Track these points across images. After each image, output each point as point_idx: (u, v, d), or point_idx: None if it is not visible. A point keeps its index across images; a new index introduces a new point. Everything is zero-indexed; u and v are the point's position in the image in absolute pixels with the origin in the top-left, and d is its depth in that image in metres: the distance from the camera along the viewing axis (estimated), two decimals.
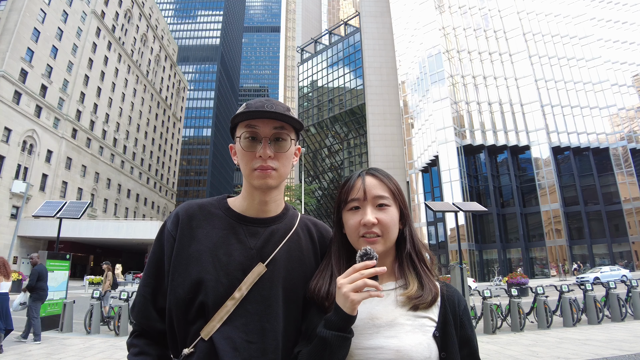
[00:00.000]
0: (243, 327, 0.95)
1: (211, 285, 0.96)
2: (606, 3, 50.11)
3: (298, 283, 1.04)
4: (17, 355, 6.14)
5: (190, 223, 1.05)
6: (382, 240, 0.96)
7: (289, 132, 1.03)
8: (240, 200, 1.10)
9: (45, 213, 9.44)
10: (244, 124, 1.02)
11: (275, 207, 1.10)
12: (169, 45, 78.75)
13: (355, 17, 64.86)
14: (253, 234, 1.05)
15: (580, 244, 38.11)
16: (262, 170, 1.00)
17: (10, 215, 35.84)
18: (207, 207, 1.09)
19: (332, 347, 0.82)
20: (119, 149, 55.84)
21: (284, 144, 1.03)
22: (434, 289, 0.95)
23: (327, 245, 1.14)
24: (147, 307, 1.04)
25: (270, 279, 1.00)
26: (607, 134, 40.98)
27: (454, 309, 0.93)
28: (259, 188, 1.03)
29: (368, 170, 1.04)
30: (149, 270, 1.06)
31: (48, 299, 8.51)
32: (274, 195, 1.08)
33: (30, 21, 38.00)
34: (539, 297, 8.82)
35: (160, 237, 1.06)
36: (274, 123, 1.01)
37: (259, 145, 1.00)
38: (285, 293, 1.01)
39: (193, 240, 1.02)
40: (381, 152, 51.57)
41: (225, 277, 0.98)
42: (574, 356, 5.73)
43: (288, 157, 1.05)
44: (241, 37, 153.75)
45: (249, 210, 1.08)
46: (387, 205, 0.98)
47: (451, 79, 42.03)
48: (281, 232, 1.08)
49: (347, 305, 0.81)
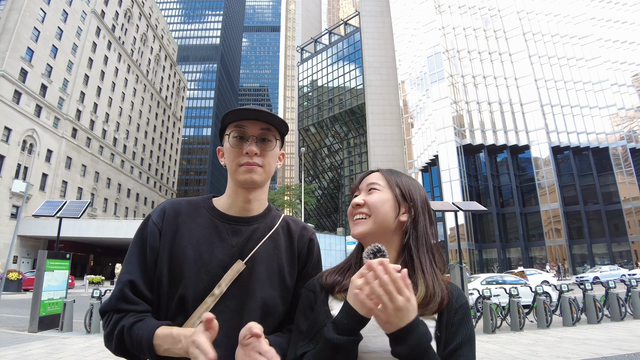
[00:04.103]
0: (223, 324, 0.94)
1: (191, 281, 0.99)
2: (606, 3, 50.10)
3: (274, 280, 1.07)
4: (17, 354, 6.15)
5: (176, 218, 1.07)
6: (368, 221, 0.98)
7: (274, 133, 1.10)
8: (224, 199, 1.14)
9: (45, 212, 9.43)
10: (233, 125, 1.08)
11: (258, 206, 1.14)
12: (169, 44, 78.72)
13: (355, 17, 64.87)
14: (235, 232, 1.08)
15: (579, 243, 38.14)
16: (248, 165, 1.05)
17: (10, 214, 35.84)
18: (193, 205, 1.12)
19: (346, 352, 0.78)
20: (119, 149, 55.82)
21: (270, 144, 1.09)
22: (441, 294, 0.90)
23: (305, 243, 1.17)
24: (129, 294, 0.99)
25: (248, 276, 1.03)
26: (607, 133, 41.00)
27: (453, 306, 0.91)
28: (244, 184, 1.07)
29: (379, 169, 1.09)
30: (131, 259, 1.03)
31: (48, 298, 8.52)
32: (258, 194, 1.12)
33: (30, 21, 37.97)
34: (539, 296, 8.84)
35: (143, 229, 1.06)
36: (261, 124, 1.07)
37: (246, 143, 1.06)
38: (262, 290, 1.04)
39: (177, 235, 1.05)
40: (381, 152, 51.59)
41: (206, 273, 1.00)
42: (573, 355, 5.73)
43: (273, 157, 1.11)
44: (241, 37, 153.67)
45: (232, 208, 1.11)
46: (376, 189, 1.01)
47: (451, 78, 42.04)
48: (262, 230, 1.11)
49: (364, 311, 0.76)
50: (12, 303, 14.88)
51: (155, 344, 0.90)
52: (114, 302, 0.98)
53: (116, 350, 0.97)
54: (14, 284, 19.18)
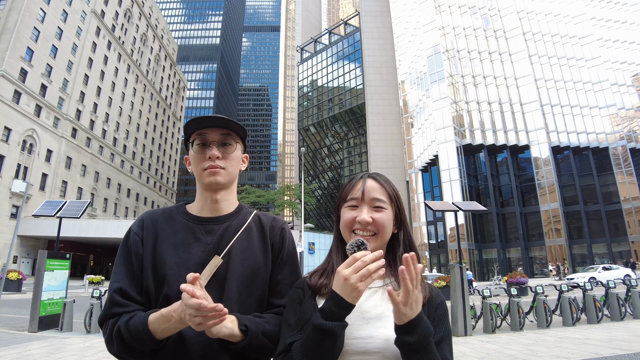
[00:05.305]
0: None
1: (173, 280, 1.07)
2: (606, 3, 50.07)
3: (251, 271, 1.14)
4: (17, 354, 6.14)
5: (154, 226, 1.17)
6: (375, 238, 1.03)
7: (234, 138, 1.20)
8: (195, 203, 1.24)
9: (45, 212, 9.43)
10: (196, 133, 1.17)
11: (227, 205, 1.22)
12: (169, 44, 78.71)
13: (355, 17, 64.85)
14: (209, 231, 1.17)
15: (579, 243, 38.14)
16: (211, 168, 1.14)
17: (10, 214, 35.85)
18: (168, 213, 1.22)
19: (334, 337, 0.83)
20: (118, 149, 55.82)
21: (230, 147, 1.18)
22: (425, 289, 0.99)
23: (277, 233, 1.24)
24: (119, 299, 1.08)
25: (225, 270, 1.11)
26: (607, 133, 40.97)
27: (433, 302, 1.00)
28: (209, 186, 1.16)
29: (370, 174, 1.11)
30: (118, 269, 1.13)
31: (48, 298, 8.52)
32: (224, 194, 1.21)
33: (30, 20, 37.96)
34: (539, 296, 8.84)
35: (126, 241, 1.16)
36: (221, 130, 1.17)
37: (208, 149, 1.15)
38: (239, 280, 1.12)
39: (157, 241, 1.14)
40: (381, 152, 51.59)
41: (186, 271, 1.04)
42: (573, 355, 5.73)
43: (235, 159, 1.20)
44: (241, 37, 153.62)
45: (203, 211, 1.20)
46: (383, 207, 1.04)
47: (451, 78, 42.03)
48: (235, 227, 1.19)
49: (354, 295, 0.82)
50: (12, 303, 14.88)
51: (151, 330, 0.98)
52: (107, 309, 1.08)
53: (119, 350, 1.03)
54: (14, 284, 19.16)
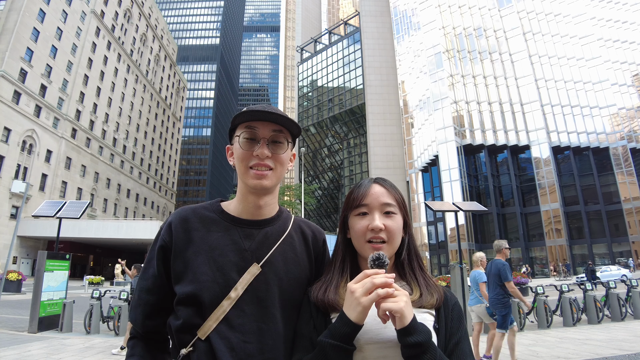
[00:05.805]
0: (239, 328, 0.96)
1: (207, 285, 0.98)
2: (606, 3, 50.06)
3: (294, 284, 1.06)
4: (17, 354, 6.13)
5: (185, 226, 1.06)
6: (387, 246, 0.99)
7: (286, 136, 1.07)
8: (235, 203, 1.12)
9: (45, 213, 9.42)
10: (244, 125, 1.05)
11: (269, 210, 1.12)
12: (169, 44, 78.71)
13: (355, 17, 64.83)
14: (247, 235, 1.06)
15: (580, 243, 38.12)
16: (259, 170, 1.03)
17: (10, 215, 35.84)
18: (201, 211, 1.10)
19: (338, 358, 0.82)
20: (118, 149, 55.81)
21: (281, 147, 1.06)
22: (436, 291, 1.00)
23: (320, 246, 1.18)
24: (146, 311, 1.06)
25: (265, 280, 1.02)
26: (607, 133, 40.95)
27: (449, 303, 1.00)
28: (254, 189, 1.05)
29: (376, 179, 1.09)
30: (147, 276, 1.07)
31: (48, 298, 8.51)
32: (268, 199, 1.10)
33: (30, 21, 37.96)
34: (539, 296, 8.83)
35: (154, 247, 1.09)
36: (273, 126, 1.04)
37: (257, 145, 1.03)
38: (282, 294, 1.03)
39: (189, 243, 1.04)
40: (381, 152, 51.56)
41: (222, 277, 0.99)
42: (574, 356, 5.72)
43: (284, 160, 1.08)
44: (241, 37, 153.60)
45: (244, 213, 1.09)
46: (393, 213, 1.02)
47: (451, 78, 42.03)
48: (275, 234, 1.09)
49: (359, 310, 0.80)
50: (12, 304, 14.87)
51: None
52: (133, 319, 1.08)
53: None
54: (13, 284, 19.16)
